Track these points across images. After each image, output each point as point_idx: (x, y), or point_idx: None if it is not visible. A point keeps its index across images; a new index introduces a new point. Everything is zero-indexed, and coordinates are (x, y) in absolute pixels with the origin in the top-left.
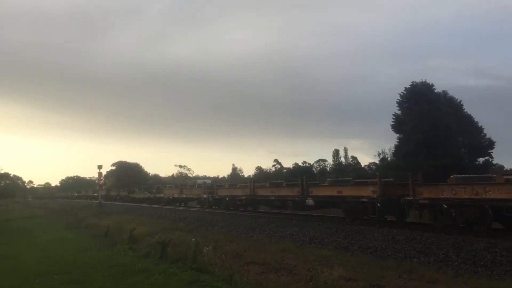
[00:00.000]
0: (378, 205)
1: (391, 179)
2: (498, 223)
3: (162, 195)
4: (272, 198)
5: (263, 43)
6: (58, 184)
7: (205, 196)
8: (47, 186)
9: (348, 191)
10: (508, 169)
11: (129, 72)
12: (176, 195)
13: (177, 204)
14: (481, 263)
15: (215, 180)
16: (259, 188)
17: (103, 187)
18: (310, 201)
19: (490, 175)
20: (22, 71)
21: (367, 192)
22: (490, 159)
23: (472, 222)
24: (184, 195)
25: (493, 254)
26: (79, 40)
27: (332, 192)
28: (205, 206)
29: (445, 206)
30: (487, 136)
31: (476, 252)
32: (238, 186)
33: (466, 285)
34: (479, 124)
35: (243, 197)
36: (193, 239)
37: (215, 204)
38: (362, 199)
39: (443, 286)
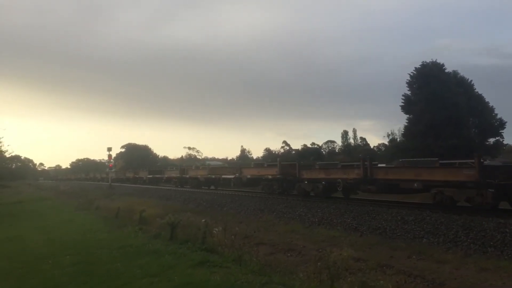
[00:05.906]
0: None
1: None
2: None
3: None
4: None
5: (271, 23)
6: (69, 167)
7: None
8: (57, 169)
9: (264, 172)
10: None
11: (135, 53)
12: None
13: None
14: (491, 243)
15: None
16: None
17: (113, 169)
18: (244, 179)
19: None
20: (28, 55)
21: (273, 172)
22: (501, 139)
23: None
24: None
25: (503, 234)
26: (85, 22)
27: (255, 172)
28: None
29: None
30: (498, 116)
31: (485, 232)
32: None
33: (475, 265)
34: (490, 104)
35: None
36: (203, 220)
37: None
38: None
39: (452, 266)
